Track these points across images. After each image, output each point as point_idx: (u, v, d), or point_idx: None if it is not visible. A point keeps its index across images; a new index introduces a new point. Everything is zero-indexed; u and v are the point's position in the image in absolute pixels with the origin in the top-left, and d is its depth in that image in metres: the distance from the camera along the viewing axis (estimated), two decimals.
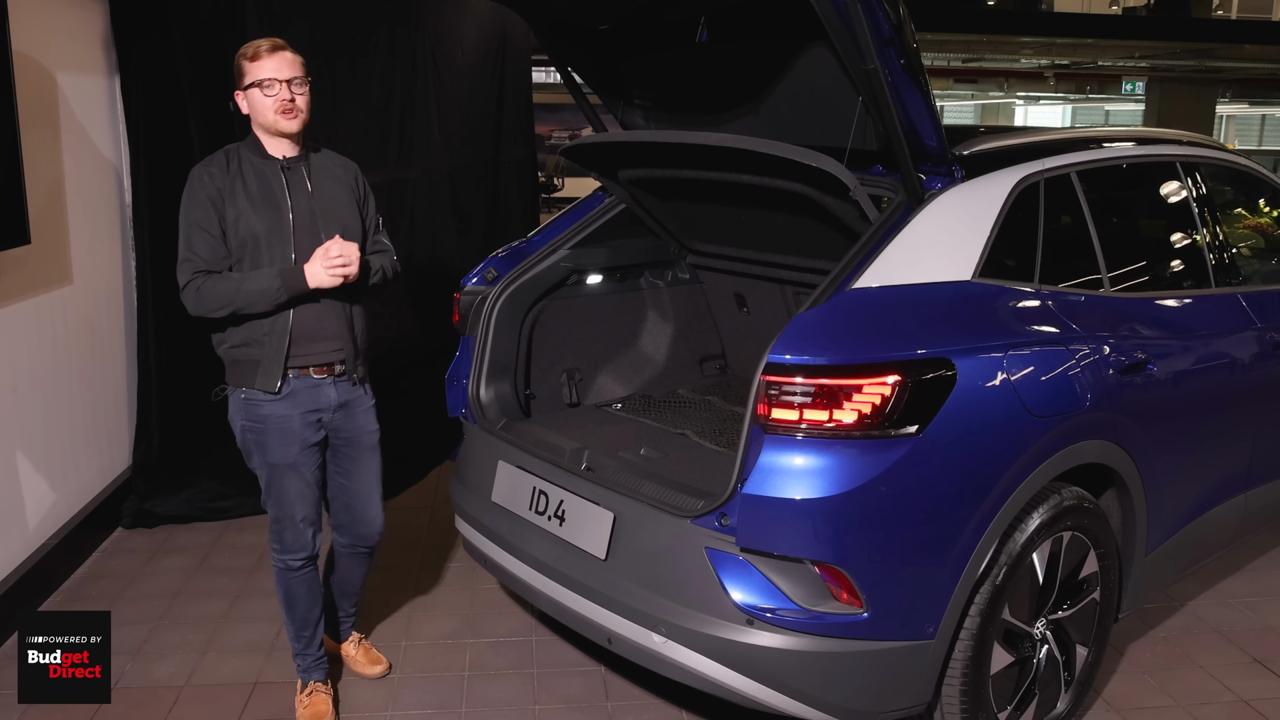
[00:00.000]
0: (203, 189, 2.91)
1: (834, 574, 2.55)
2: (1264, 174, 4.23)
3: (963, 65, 22.60)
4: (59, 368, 4.25)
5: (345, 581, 3.43)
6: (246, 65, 2.93)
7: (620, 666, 3.50)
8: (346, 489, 3.23)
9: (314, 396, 3.02)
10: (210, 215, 2.90)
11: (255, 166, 2.97)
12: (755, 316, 4.15)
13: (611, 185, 3.88)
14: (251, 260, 2.92)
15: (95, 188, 4.58)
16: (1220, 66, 20.84)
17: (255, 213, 2.92)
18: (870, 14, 2.44)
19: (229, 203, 2.91)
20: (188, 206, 2.93)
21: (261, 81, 2.90)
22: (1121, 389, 3.02)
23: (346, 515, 3.27)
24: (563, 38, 3.60)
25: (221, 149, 3.02)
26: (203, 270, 2.90)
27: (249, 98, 2.94)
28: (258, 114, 2.95)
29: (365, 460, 3.21)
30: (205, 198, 2.90)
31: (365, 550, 3.35)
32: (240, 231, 2.91)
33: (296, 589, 3.15)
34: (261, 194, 2.94)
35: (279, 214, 2.94)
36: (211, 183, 2.91)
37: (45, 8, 4.12)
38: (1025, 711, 3.00)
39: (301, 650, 3.24)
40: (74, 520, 4.33)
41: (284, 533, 3.08)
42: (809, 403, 2.49)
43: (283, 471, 3.02)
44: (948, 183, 2.90)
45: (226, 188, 2.92)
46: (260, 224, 2.92)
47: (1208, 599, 4.13)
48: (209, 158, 3.00)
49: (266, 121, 2.95)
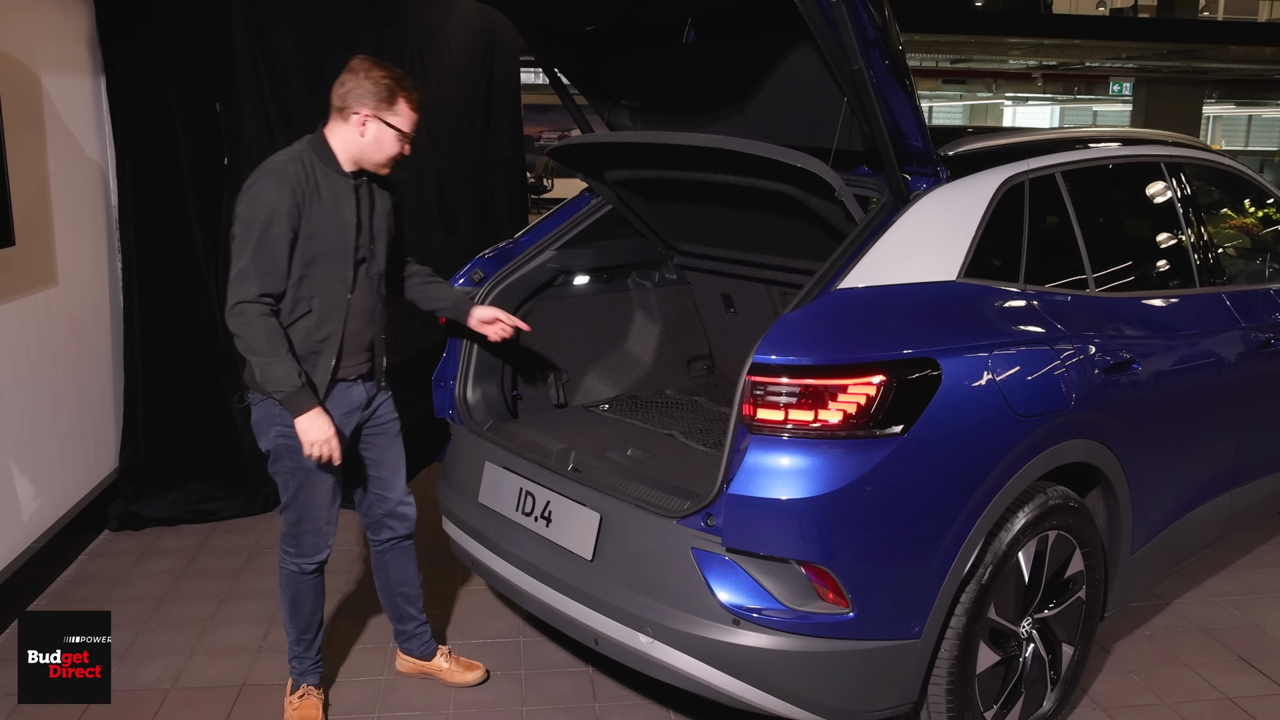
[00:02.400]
0: (282, 199, 2.76)
1: (820, 574, 2.55)
2: (1248, 174, 4.25)
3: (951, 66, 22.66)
4: (45, 370, 4.23)
5: (403, 583, 3.36)
6: (402, 104, 2.87)
7: (608, 667, 3.50)
8: (377, 479, 3.23)
9: (346, 398, 3.04)
10: (286, 230, 2.77)
11: (328, 179, 2.87)
12: (742, 317, 4.16)
13: (598, 186, 3.88)
14: (310, 278, 2.85)
15: (81, 189, 4.57)
16: (1207, 67, 20.93)
17: (326, 231, 2.85)
18: (855, 15, 2.44)
19: (305, 217, 2.81)
20: (259, 216, 2.76)
21: (402, 130, 2.89)
22: (1106, 388, 3.04)
23: (379, 505, 3.26)
24: (549, 39, 3.60)
25: (287, 154, 2.87)
26: (265, 295, 2.77)
27: (377, 130, 2.86)
28: (373, 148, 2.88)
29: (391, 447, 3.23)
30: (285, 210, 2.76)
31: (406, 540, 3.32)
32: (309, 250, 2.83)
33: (304, 593, 3.14)
34: (334, 211, 2.87)
35: (345, 235, 2.89)
36: (292, 196, 2.77)
37: (30, 8, 4.10)
38: (1011, 710, 3.01)
39: (301, 653, 3.22)
40: (60, 523, 4.32)
41: (304, 537, 3.06)
42: (794, 403, 2.50)
43: (318, 475, 3.00)
44: (933, 183, 2.91)
45: (305, 201, 2.81)
46: (328, 243, 2.86)
47: (1193, 597, 4.15)
48: (280, 162, 2.84)
49: (373, 159, 2.91)
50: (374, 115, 2.85)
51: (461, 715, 3.29)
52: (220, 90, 4.63)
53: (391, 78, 2.86)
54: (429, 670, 3.45)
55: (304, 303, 2.88)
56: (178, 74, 4.54)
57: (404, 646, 3.47)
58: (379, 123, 2.86)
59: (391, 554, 3.33)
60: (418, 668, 3.46)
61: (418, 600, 3.41)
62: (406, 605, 3.40)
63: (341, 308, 2.92)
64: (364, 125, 2.86)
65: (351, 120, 2.86)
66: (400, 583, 3.36)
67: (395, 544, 3.32)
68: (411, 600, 3.40)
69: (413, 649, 3.45)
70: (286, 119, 4.73)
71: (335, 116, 2.90)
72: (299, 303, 2.88)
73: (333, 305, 2.91)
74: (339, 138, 2.90)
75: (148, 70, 4.54)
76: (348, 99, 2.85)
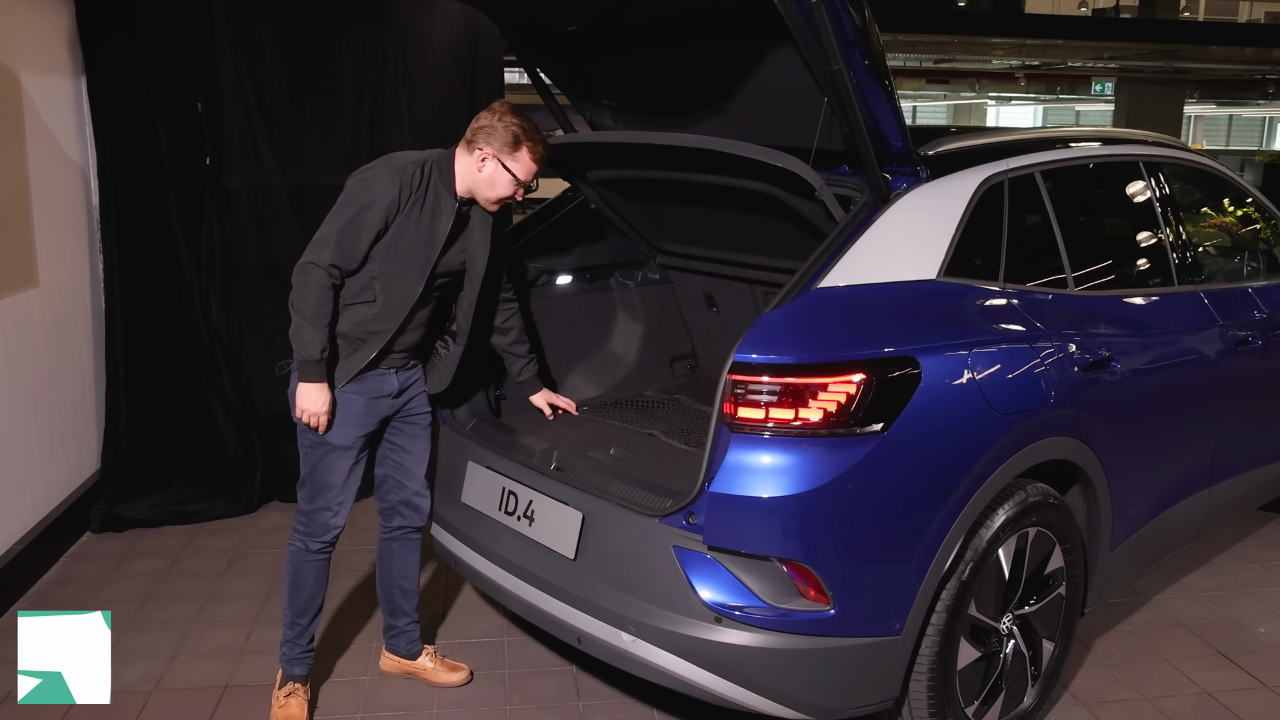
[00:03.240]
0: (389, 190, 2.88)
1: (801, 571, 2.57)
2: (1226, 173, 4.29)
3: (935, 66, 22.77)
4: (25, 371, 4.21)
5: (404, 575, 3.38)
6: (525, 154, 2.94)
7: (592, 666, 3.50)
8: (399, 465, 3.26)
9: (378, 384, 3.09)
10: (380, 220, 2.87)
11: (437, 193, 2.98)
12: (725, 316, 4.16)
13: (581, 186, 3.89)
14: (384, 274, 2.94)
15: (61, 189, 4.54)
16: (1188, 67, 21.09)
17: (413, 238, 2.94)
18: (834, 16, 2.45)
19: (400, 216, 2.91)
20: (363, 196, 2.89)
21: (518, 177, 2.95)
22: (1085, 386, 3.06)
23: (397, 491, 3.29)
24: (531, 39, 3.60)
25: (415, 155, 2.99)
26: (335, 268, 2.87)
27: (494, 170, 2.95)
28: (486, 185, 2.97)
29: (419, 438, 3.27)
30: (387, 201, 2.87)
31: (415, 532, 3.35)
32: (391, 248, 2.92)
33: (307, 573, 3.16)
34: (429, 224, 2.96)
35: (430, 249, 2.98)
36: (399, 193, 2.89)
37: (9, 8, 4.08)
38: (992, 706, 3.03)
39: (293, 639, 3.22)
40: (41, 525, 4.30)
41: (316, 514, 3.10)
42: (775, 401, 2.51)
43: (337, 453, 3.05)
44: (913, 182, 2.92)
45: (407, 203, 2.91)
46: (410, 250, 2.94)
47: (1173, 593, 4.18)
48: (405, 160, 2.96)
49: (484, 195, 2.99)
50: (495, 156, 2.95)
51: (446, 715, 3.29)
52: (202, 90, 4.62)
53: (522, 128, 2.94)
54: (413, 670, 3.45)
55: (369, 291, 2.96)
56: (159, 74, 4.53)
57: (390, 644, 3.46)
58: (498, 164, 2.95)
59: (399, 543, 3.35)
60: (402, 667, 3.46)
61: (414, 597, 3.43)
62: (403, 599, 3.41)
63: (403, 311, 3.00)
64: (484, 162, 2.96)
65: (475, 154, 2.96)
66: (402, 575, 3.38)
67: (404, 534, 3.35)
68: (408, 595, 3.42)
69: (399, 646, 3.45)
70: (268, 118, 4.72)
71: (464, 145, 3.00)
72: (364, 289, 2.96)
73: (395, 307, 2.99)
74: (461, 164, 3.00)
75: (129, 70, 4.52)
76: (478, 135, 2.96)
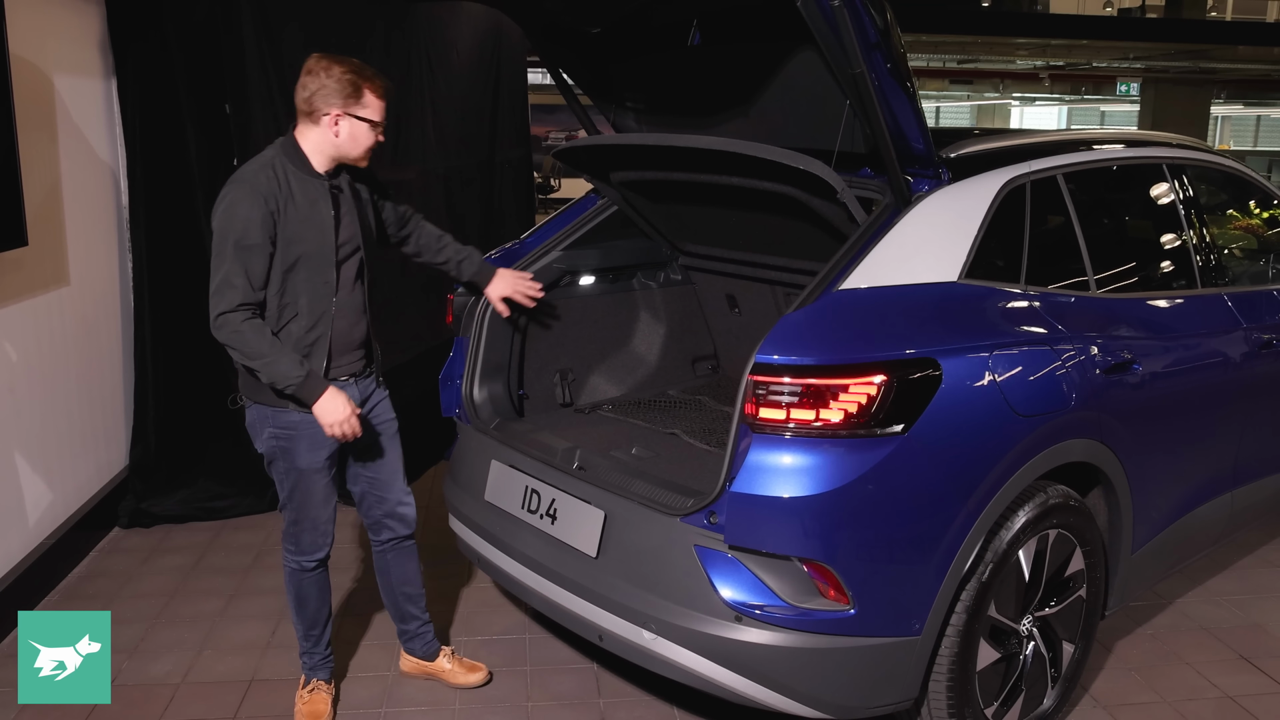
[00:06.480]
0: (255, 209, 2.74)
1: (821, 571, 2.58)
2: (1251, 175, 4.26)
3: (958, 66, 22.64)
4: (56, 369, 4.27)
5: (405, 582, 3.36)
6: (369, 95, 2.84)
7: (613, 664, 3.53)
8: (374, 480, 3.22)
9: None
10: (263, 239, 2.75)
11: (302, 183, 2.85)
12: (747, 317, 4.18)
13: (603, 187, 3.91)
14: (293, 282, 2.85)
15: (92, 190, 4.61)
16: (1215, 68, 20.87)
17: (305, 235, 2.84)
18: (856, 18, 2.47)
19: (280, 224, 2.79)
20: (233, 227, 2.74)
21: (373, 121, 2.87)
22: (1107, 389, 3.06)
23: (379, 506, 3.26)
24: (554, 40, 3.63)
25: (258, 162, 2.85)
26: (246, 305, 2.76)
27: (350, 126, 2.84)
28: (349, 145, 2.87)
29: (389, 447, 3.22)
30: (259, 219, 2.74)
31: (407, 540, 3.32)
32: (289, 255, 2.82)
33: (308, 589, 3.17)
34: (310, 214, 2.85)
35: (324, 237, 2.87)
36: (265, 205, 2.75)
37: (42, 10, 4.14)
38: (1011, 707, 3.03)
39: (309, 648, 3.25)
40: (71, 520, 4.36)
41: (303, 535, 3.09)
42: (796, 402, 2.52)
43: (311, 475, 3.01)
44: (934, 185, 2.93)
45: (280, 209, 2.79)
46: (307, 247, 2.85)
47: (1195, 596, 4.17)
48: (252, 172, 2.82)
49: (351, 155, 2.90)
50: (344, 113, 2.83)
51: (467, 710, 3.33)
52: (230, 91, 4.67)
53: (353, 71, 2.82)
54: (431, 671, 3.47)
55: (290, 307, 2.88)
56: (188, 75, 4.58)
57: (407, 646, 3.48)
58: (350, 119, 2.84)
59: (393, 554, 3.33)
60: (420, 668, 3.48)
61: (420, 600, 3.43)
62: (408, 605, 3.41)
63: (328, 309, 2.92)
64: (336, 125, 2.84)
65: (322, 122, 2.84)
66: (402, 583, 3.37)
67: (396, 544, 3.32)
68: (414, 600, 3.41)
69: (415, 649, 3.47)
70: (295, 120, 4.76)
71: (304, 120, 2.87)
72: (285, 308, 2.88)
73: (319, 307, 2.91)
74: (311, 140, 2.88)
75: (158, 71, 4.58)
76: (314, 101, 2.82)
